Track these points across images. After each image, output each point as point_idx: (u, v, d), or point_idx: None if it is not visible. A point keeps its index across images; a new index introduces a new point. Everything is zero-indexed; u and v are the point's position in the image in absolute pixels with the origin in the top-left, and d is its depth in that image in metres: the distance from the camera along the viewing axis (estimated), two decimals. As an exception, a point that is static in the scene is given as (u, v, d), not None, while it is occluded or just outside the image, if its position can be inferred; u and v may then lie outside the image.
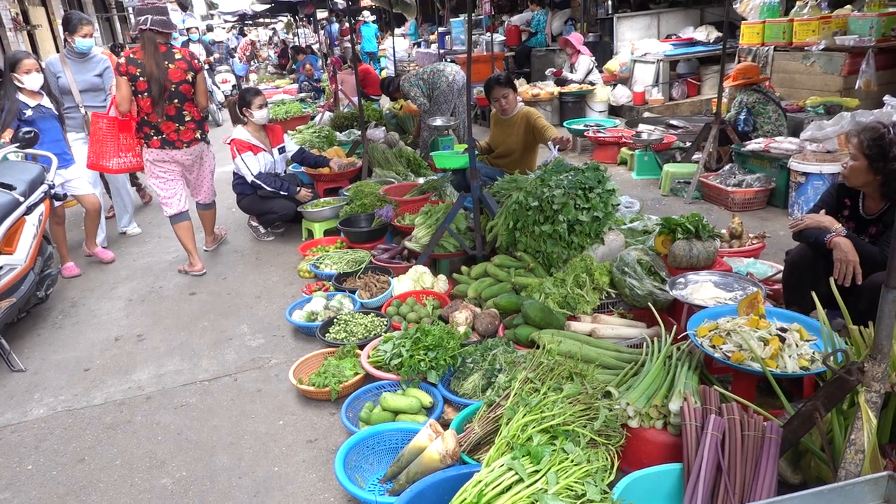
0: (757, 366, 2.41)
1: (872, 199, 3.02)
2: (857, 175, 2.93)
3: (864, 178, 2.92)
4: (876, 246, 2.86)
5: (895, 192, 2.87)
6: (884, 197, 2.95)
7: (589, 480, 1.99)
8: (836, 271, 2.81)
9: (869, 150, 2.84)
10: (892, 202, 2.92)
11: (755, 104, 6.21)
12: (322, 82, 13.21)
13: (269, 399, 3.30)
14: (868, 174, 2.89)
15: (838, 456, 1.97)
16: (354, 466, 2.55)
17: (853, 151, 2.91)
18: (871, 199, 3.02)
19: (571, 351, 2.83)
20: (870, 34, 6.50)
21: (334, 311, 3.91)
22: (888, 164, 2.81)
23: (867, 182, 2.93)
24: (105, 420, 3.24)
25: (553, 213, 3.67)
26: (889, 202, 2.93)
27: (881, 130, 2.85)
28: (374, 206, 5.28)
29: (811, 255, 3.04)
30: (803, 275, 3.08)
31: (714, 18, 10.27)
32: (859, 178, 2.94)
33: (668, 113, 9.17)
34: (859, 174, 2.92)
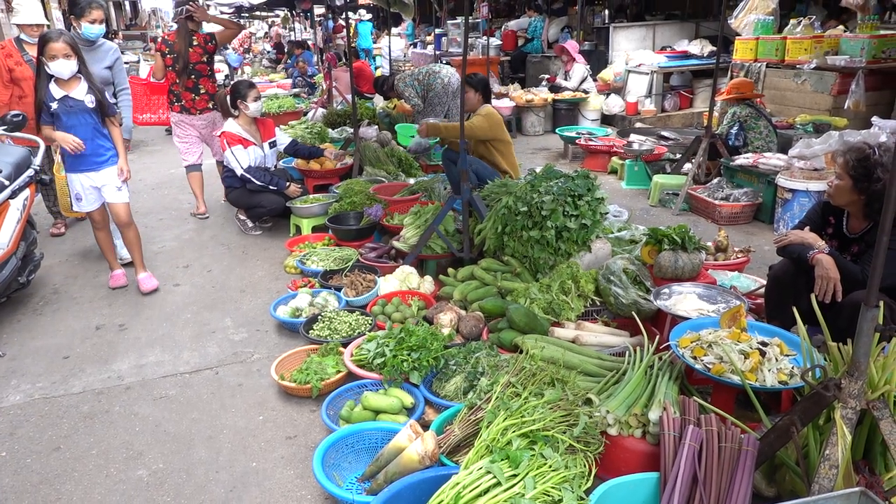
0: (737, 378, 2.44)
1: (856, 219, 3.06)
2: (842, 194, 2.98)
3: (848, 197, 2.96)
4: (857, 265, 2.90)
5: (878, 213, 2.88)
6: (867, 216, 2.99)
7: (566, 486, 2.00)
8: (817, 288, 2.85)
9: (854, 170, 2.88)
10: (875, 222, 2.95)
11: (747, 118, 6.27)
12: (316, 78, 13.18)
13: (250, 394, 3.29)
14: (852, 194, 2.93)
15: (812, 470, 1.99)
16: (333, 464, 2.54)
17: (839, 171, 2.96)
18: (855, 219, 3.07)
19: (554, 357, 2.84)
20: (860, 55, 6.59)
21: (319, 308, 3.90)
22: (872, 184, 2.85)
23: (851, 201, 2.98)
24: (82, 409, 3.21)
25: (542, 218, 3.69)
26: (872, 222, 2.98)
27: (866, 151, 2.89)
28: (363, 204, 5.27)
29: (793, 270, 3.08)
30: (785, 289, 3.12)
31: (708, 33, 10.37)
32: (844, 198, 2.99)
33: (659, 124, 9.24)
34: (844, 193, 2.97)
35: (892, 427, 1.89)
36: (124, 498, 2.59)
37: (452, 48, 13.53)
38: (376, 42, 18.58)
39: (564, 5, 12.87)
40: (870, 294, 1.81)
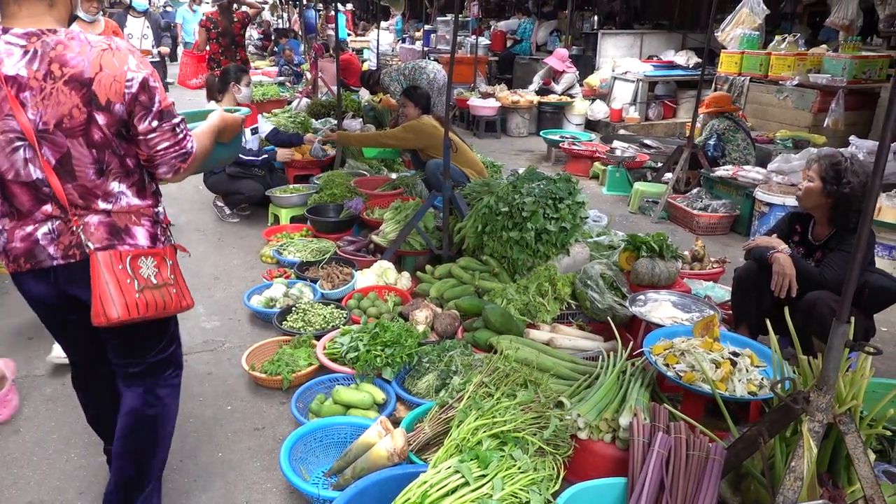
0: (707, 387, 2.45)
1: (821, 225, 3.19)
2: (810, 196, 3.10)
3: (816, 199, 3.08)
4: (817, 268, 3.03)
5: (842, 217, 3.03)
6: (831, 221, 3.12)
7: (534, 488, 1.99)
8: (773, 283, 2.98)
9: (826, 172, 3.02)
10: (838, 228, 3.09)
11: (725, 131, 6.36)
12: (303, 67, 13.05)
13: (219, 383, 3.24)
14: (821, 196, 3.06)
15: (777, 481, 2.01)
16: (300, 458, 2.51)
17: (811, 174, 3.09)
18: (820, 225, 3.20)
19: (528, 358, 2.84)
20: (842, 75, 6.71)
21: (294, 299, 3.86)
22: (840, 187, 2.98)
23: (818, 204, 3.10)
24: (45, 392, 3.13)
25: (522, 219, 3.68)
26: (835, 228, 3.11)
27: (838, 157, 3.06)
28: (343, 196, 5.23)
29: (756, 270, 3.20)
30: (748, 290, 3.24)
31: (695, 44, 10.47)
32: (811, 200, 3.11)
33: (642, 132, 9.31)
34: (812, 195, 3.09)
35: (857, 442, 1.92)
36: (84, 484, 2.53)
37: (441, 45, 13.50)
38: (365, 35, 18.47)
39: (554, 9, 12.91)
40: (841, 310, 1.82)
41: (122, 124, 1.82)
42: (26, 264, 1.89)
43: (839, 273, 2.87)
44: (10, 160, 1.79)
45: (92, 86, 1.75)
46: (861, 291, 2.94)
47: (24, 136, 1.76)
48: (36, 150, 1.77)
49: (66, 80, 1.74)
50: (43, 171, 1.80)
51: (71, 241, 1.87)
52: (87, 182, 1.84)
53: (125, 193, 1.91)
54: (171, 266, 2.02)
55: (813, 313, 2.81)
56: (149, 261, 1.93)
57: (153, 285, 1.92)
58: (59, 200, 1.83)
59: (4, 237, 1.89)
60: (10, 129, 1.76)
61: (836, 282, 2.85)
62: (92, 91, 1.75)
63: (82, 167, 1.82)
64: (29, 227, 1.87)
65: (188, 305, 2.04)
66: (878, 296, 2.96)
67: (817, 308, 2.81)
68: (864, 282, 2.94)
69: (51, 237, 1.87)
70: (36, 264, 1.89)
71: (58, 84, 1.73)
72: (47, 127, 1.76)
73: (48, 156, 1.79)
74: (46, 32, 1.76)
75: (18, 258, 1.89)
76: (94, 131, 1.79)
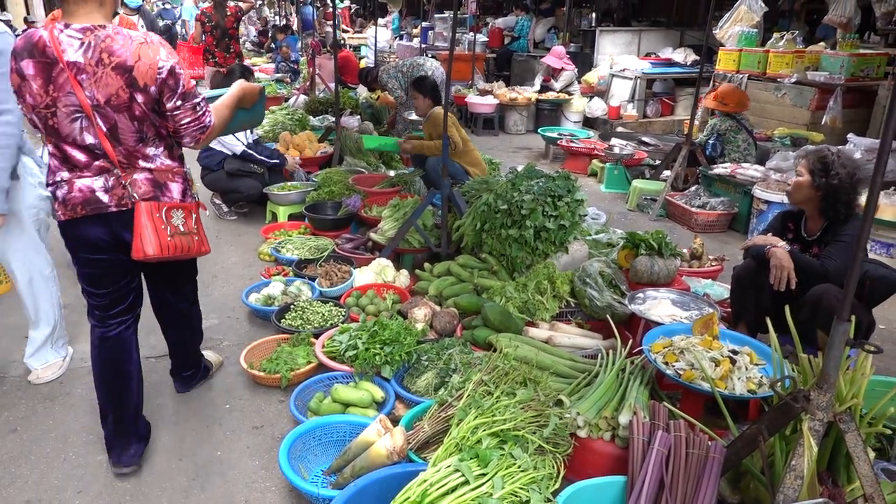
0: (707, 385, 2.45)
1: (812, 220, 3.22)
2: (800, 190, 3.14)
3: (805, 193, 3.12)
4: (817, 260, 3.04)
5: (831, 209, 3.07)
6: (821, 214, 3.15)
7: (534, 487, 1.99)
8: (772, 276, 2.99)
9: (814, 165, 3.08)
10: (829, 221, 3.13)
11: (727, 132, 6.29)
12: (300, 65, 13.02)
13: (218, 381, 3.23)
14: (809, 189, 3.09)
15: (777, 480, 2.01)
16: (299, 456, 2.51)
17: (800, 170, 3.15)
18: (812, 220, 3.23)
19: (527, 357, 2.84)
20: (840, 72, 6.71)
21: (292, 297, 3.85)
22: (829, 179, 3.02)
23: (808, 198, 3.13)
24: (42, 390, 3.12)
25: (521, 217, 3.68)
26: (827, 221, 3.14)
27: (825, 151, 3.12)
28: (342, 194, 5.22)
29: (755, 267, 3.21)
30: (747, 287, 3.25)
31: (693, 42, 10.47)
32: (801, 193, 3.15)
33: (640, 130, 9.30)
34: (802, 189, 3.13)
35: (857, 440, 1.92)
36: (82, 483, 2.53)
37: (438, 42, 13.47)
38: (362, 32, 18.42)
39: (552, 6, 12.89)
40: (842, 308, 1.82)
41: (155, 102, 2.26)
42: (83, 210, 2.32)
43: (840, 264, 2.90)
44: (70, 127, 2.23)
45: (133, 72, 2.18)
46: (863, 283, 2.96)
47: (81, 109, 2.20)
48: (91, 121, 2.22)
49: (113, 67, 2.16)
50: (97, 137, 2.25)
51: (122, 193, 2.33)
52: (129, 147, 2.30)
53: (159, 156, 2.38)
54: (195, 218, 2.53)
55: (820, 306, 2.82)
56: (179, 212, 2.44)
57: (181, 232, 2.43)
58: (110, 160, 2.29)
59: (64, 188, 2.31)
60: (72, 104, 2.20)
61: (838, 273, 2.88)
62: (133, 76, 2.18)
63: (126, 135, 2.27)
64: (86, 181, 2.30)
65: (206, 251, 2.57)
66: (879, 286, 2.98)
67: (824, 301, 2.82)
68: (864, 272, 2.95)
69: (105, 189, 2.31)
70: (92, 210, 2.32)
71: (107, 70, 2.16)
72: (99, 103, 2.19)
73: (101, 125, 2.23)
74: (98, 28, 2.18)
75: (76, 206, 2.31)
76: (135, 107, 2.23)
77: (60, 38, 2.15)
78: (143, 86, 2.19)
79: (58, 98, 2.19)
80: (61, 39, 2.15)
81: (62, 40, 2.15)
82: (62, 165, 2.30)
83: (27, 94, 2.21)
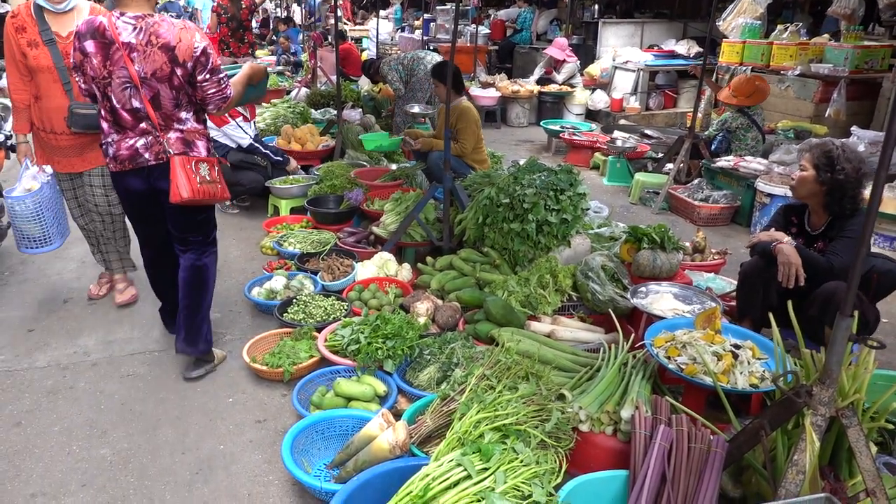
0: (709, 380, 2.45)
1: (816, 214, 3.18)
2: (804, 184, 3.10)
3: (809, 187, 3.08)
4: (823, 257, 3.00)
5: (836, 204, 3.03)
6: (826, 209, 3.10)
7: (536, 481, 1.99)
8: (780, 274, 2.95)
9: (818, 160, 3.03)
10: (834, 216, 3.09)
11: (737, 129, 6.21)
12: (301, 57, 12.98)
13: (221, 375, 3.24)
14: (814, 184, 3.05)
15: (779, 474, 2.01)
16: (302, 450, 2.51)
17: (804, 164, 3.11)
18: (816, 214, 3.19)
19: (529, 351, 2.84)
20: (844, 64, 6.66)
21: (294, 291, 3.85)
22: (834, 174, 2.98)
23: (813, 192, 3.09)
24: (46, 384, 3.13)
25: (523, 211, 3.67)
26: (831, 216, 3.10)
27: (830, 146, 3.06)
28: (343, 187, 5.21)
29: (762, 265, 3.17)
30: (754, 285, 3.22)
31: (696, 33, 10.41)
32: (805, 188, 3.11)
33: (643, 122, 9.27)
34: (806, 184, 3.09)
35: (859, 435, 1.92)
36: (86, 477, 2.54)
37: (440, 34, 13.42)
38: (364, 24, 18.34)
39: (555, -2, 12.82)
40: (846, 303, 1.82)
41: (190, 76, 2.77)
42: (129, 165, 2.88)
43: (846, 260, 2.86)
44: (122, 95, 2.77)
45: (175, 50, 2.70)
46: (870, 277, 2.95)
47: (131, 81, 2.75)
48: (139, 90, 2.76)
49: (159, 46, 2.70)
50: (142, 102, 2.78)
51: (159, 149, 2.86)
52: (167, 111, 2.83)
53: (189, 119, 2.91)
54: (217, 170, 3.03)
55: (831, 303, 2.78)
56: (205, 165, 2.96)
57: (207, 181, 2.94)
58: (152, 122, 2.82)
59: (114, 147, 2.87)
60: (124, 76, 2.74)
61: (844, 269, 2.84)
62: (175, 54, 2.71)
63: (165, 102, 2.81)
64: (131, 140, 2.85)
65: (227, 198, 3.14)
66: (886, 280, 2.96)
67: (836, 298, 2.77)
68: (871, 266, 2.94)
69: (146, 146, 2.86)
70: (136, 165, 2.88)
71: (154, 49, 2.70)
72: (146, 75, 2.73)
73: (146, 93, 2.76)
74: (147, 16, 2.74)
75: (124, 161, 2.88)
76: (174, 79, 2.76)
77: (117, 24, 2.71)
78: (182, 61, 2.72)
79: (113, 71, 2.74)
80: (117, 25, 2.71)
81: (118, 25, 2.71)
82: (112, 128, 2.87)
83: (88, 67, 2.77)
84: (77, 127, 3.31)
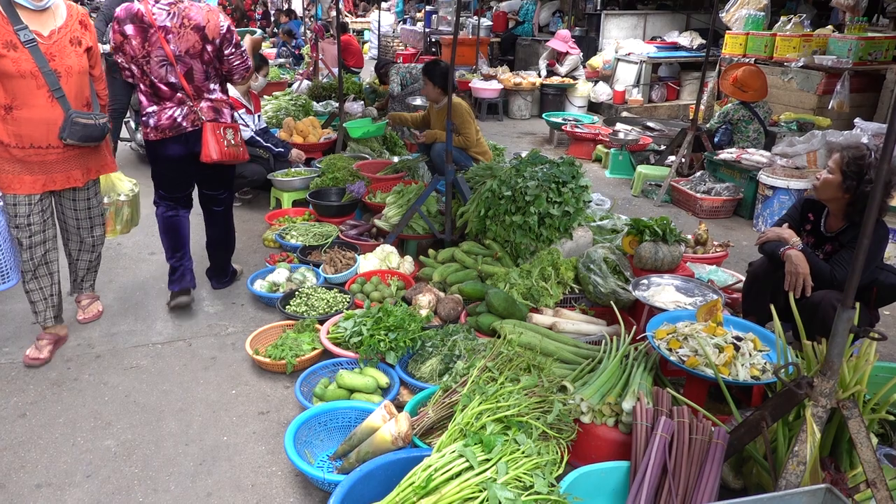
0: (710, 372, 2.46)
1: (835, 217, 3.06)
2: (828, 189, 2.94)
3: (833, 193, 2.93)
4: (827, 265, 2.92)
5: (859, 214, 2.88)
6: (846, 216, 2.99)
7: (538, 472, 2.00)
8: (786, 282, 2.88)
9: (847, 167, 2.85)
10: (852, 223, 2.97)
11: (739, 121, 6.20)
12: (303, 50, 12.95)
13: (224, 367, 3.25)
14: (838, 190, 2.90)
15: (780, 465, 2.02)
16: (305, 442, 2.53)
17: (831, 165, 2.92)
18: (834, 217, 3.07)
19: (531, 343, 2.85)
20: (847, 56, 6.64)
21: (297, 283, 3.86)
22: (861, 185, 2.82)
23: (835, 198, 2.95)
24: (50, 376, 3.15)
25: (525, 204, 3.67)
26: (849, 223, 2.98)
27: (864, 151, 2.87)
28: (345, 180, 5.21)
29: (770, 267, 3.11)
30: (762, 286, 3.16)
31: (699, 25, 10.37)
32: (828, 192, 2.95)
33: (645, 114, 9.25)
34: (830, 188, 2.93)
35: (860, 426, 1.92)
36: (91, 468, 2.56)
37: (442, 26, 13.37)
38: (365, 16, 18.29)
39: (557, -11, 12.75)
40: (847, 295, 1.82)
41: (218, 51, 3.36)
42: (170, 133, 3.39)
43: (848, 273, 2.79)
44: (159, 71, 3.29)
45: (204, 30, 3.28)
46: (870, 289, 2.91)
47: (167, 59, 3.27)
48: (174, 66, 3.30)
49: (190, 28, 3.26)
50: (177, 77, 3.32)
51: (194, 118, 3.41)
52: (199, 83, 3.40)
53: (216, 90, 3.50)
54: (239, 136, 3.61)
55: (817, 312, 2.75)
56: (230, 130, 3.54)
57: (232, 144, 3.52)
58: (186, 93, 3.37)
59: (154, 118, 3.37)
60: (161, 55, 3.26)
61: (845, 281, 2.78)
62: (204, 33, 3.29)
63: (197, 75, 3.37)
64: (170, 111, 3.37)
65: (246, 159, 3.69)
66: (886, 294, 2.90)
67: (821, 307, 2.75)
68: (874, 279, 2.89)
69: (183, 115, 3.39)
70: (176, 132, 3.39)
71: (186, 30, 3.25)
72: (180, 53, 3.28)
73: (181, 69, 3.31)
74: (178, 2, 3.25)
75: (165, 129, 3.37)
76: (205, 55, 3.34)
77: (153, 10, 3.21)
78: (212, 39, 3.30)
79: (151, 51, 3.24)
80: (154, 11, 3.21)
81: (154, 11, 3.21)
82: (151, 101, 3.37)
83: (128, 48, 3.23)
84: (73, 138, 3.00)
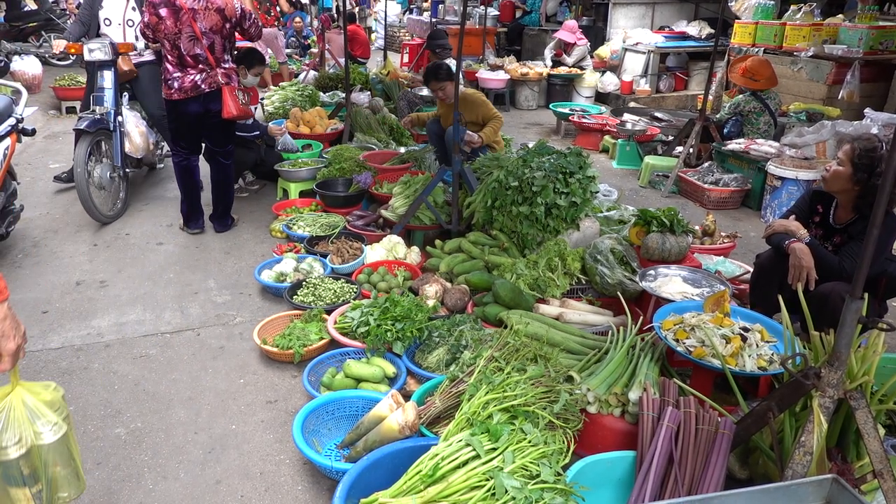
0: (717, 362, 2.46)
1: (844, 209, 3.04)
2: (838, 180, 2.92)
3: (843, 185, 2.91)
4: (836, 256, 2.90)
5: (868, 207, 2.86)
6: (855, 209, 2.97)
7: (544, 462, 2.01)
8: (790, 276, 2.87)
9: (859, 159, 2.83)
10: (861, 215, 2.94)
11: (750, 113, 6.15)
12: (309, 40, 12.93)
13: (232, 357, 3.27)
14: (848, 182, 2.88)
15: (787, 456, 2.02)
16: (312, 430, 2.55)
17: (841, 157, 2.90)
18: (843, 209, 3.05)
19: (538, 333, 2.85)
20: (858, 46, 6.57)
21: (304, 273, 3.87)
22: (872, 177, 2.80)
23: (845, 190, 2.93)
24: (61, 365, 3.18)
25: (532, 194, 3.67)
26: (857, 214, 2.96)
27: (875, 143, 2.84)
28: (352, 171, 5.21)
29: (777, 259, 3.09)
30: (769, 278, 3.14)
31: (708, 14, 10.27)
32: (838, 184, 2.93)
33: (653, 105, 9.19)
34: (840, 180, 2.91)
35: (867, 417, 1.92)
36: (101, 455, 2.58)
37: (449, 16, 13.30)
38: (372, 7, 18.21)
39: (565, -21, 12.65)
40: (855, 286, 1.82)
41: (236, 25, 4.37)
42: (191, 93, 4.32)
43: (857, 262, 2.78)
44: (188, 45, 4.23)
45: (224, 11, 4.25)
46: (879, 280, 2.89)
47: (195, 34, 4.21)
48: (200, 41, 4.23)
49: (214, 10, 4.22)
50: (203, 50, 4.27)
51: (212, 81, 4.35)
52: (218, 54, 4.36)
53: (228, 61, 4.48)
54: (249, 97, 4.68)
55: (826, 304, 2.73)
56: (241, 92, 4.52)
57: (244, 103, 4.54)
58: (208, 62, 4.32)
59: (178, 81, 4.30)
60: (190, 31, 4.20)
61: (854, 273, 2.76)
62: (224, 14, 4.26)
63: (217, 48, 4.33)
64: (191, 76, 4.30)
65: (252, 115, 4.84)
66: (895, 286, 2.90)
67: (830, 299, 2.72)
68: (883, 271, 2.87)
69: (202, 78, 4.32)
70: (195, 92, 4.33)
71: (210, 11, 4.21)
72: (206, 30, 4.23)
73: (206, 43, 4.26)
74: None
75: (187, 90, 4.31)
76: (224, 31, 4.32)
77: None
78: (230, 17, 4.29)
79: (181, 29, 4.17)
80: None
81: None
82: (175, 69, 4.30)
83: (162, 27, 4.17)
84: None
